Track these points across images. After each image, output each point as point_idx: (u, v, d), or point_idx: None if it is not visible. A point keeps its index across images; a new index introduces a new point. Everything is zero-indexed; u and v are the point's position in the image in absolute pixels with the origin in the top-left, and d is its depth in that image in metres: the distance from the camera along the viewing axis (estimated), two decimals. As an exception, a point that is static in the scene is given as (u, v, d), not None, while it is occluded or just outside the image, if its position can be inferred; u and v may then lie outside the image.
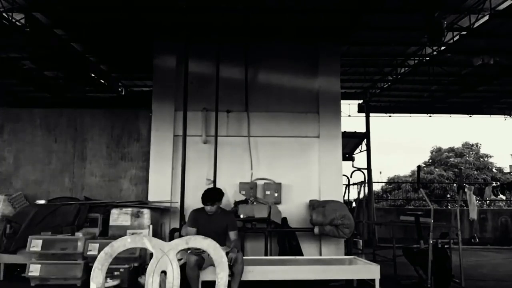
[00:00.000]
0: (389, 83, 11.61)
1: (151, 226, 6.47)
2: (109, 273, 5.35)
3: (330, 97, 7.72)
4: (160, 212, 7.26)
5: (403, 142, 57.11)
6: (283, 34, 7.55)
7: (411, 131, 62.13)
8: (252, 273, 4.64)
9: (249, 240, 6.95)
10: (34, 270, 5.49)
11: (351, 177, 9.93)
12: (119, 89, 12.15)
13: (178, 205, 7.25)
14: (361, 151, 12.36)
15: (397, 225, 7.50)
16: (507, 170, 21.73)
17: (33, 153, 8.19)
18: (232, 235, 4.85)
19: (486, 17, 7.23)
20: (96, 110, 8.53)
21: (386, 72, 11.12)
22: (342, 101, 8.86)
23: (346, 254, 6.94)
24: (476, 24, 7.42)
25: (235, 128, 7.57)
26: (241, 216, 6.64)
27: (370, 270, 4.80)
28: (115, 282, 5.37)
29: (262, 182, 7.40)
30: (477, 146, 24.90)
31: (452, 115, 14.90)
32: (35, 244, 5.60)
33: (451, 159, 24.01)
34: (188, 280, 4.16)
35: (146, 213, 6.59)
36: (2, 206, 7.03)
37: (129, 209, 6.59)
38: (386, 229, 9.25)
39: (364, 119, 12.86)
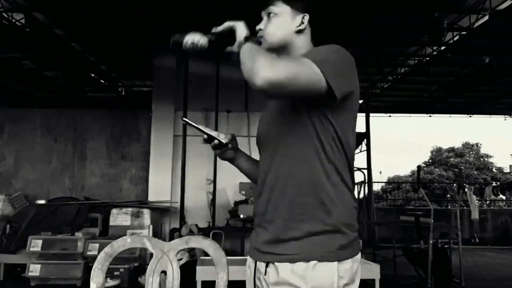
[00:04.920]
0: (389, 83, 11.61)
1: (151, 226, 6.48)
2: (109, 273, 5.35)
3: (330, 97, 7.73)
4: (160, 212, 7.26)
5: (403, 142, 57.22)
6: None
7: (411, 131, 62.21)
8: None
9: (249, 240, 6.94)
10: (34, 270, 5.48)
11: (351, 177, 9.90)
12: (119, 89, 12.15)
13: (178, 205, 7.26)
14: (361, 151, 12.36)
15: (397, 225, 7.50)
16: (507, 170, 21.74)
17: (33, 153, 8.20)
18: None
19: (486, 17, 7.23)
20: (96, 110, 8.54)
21: (386, 72, 11.11)
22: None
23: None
24: (476, 24, 7.41)
25: (235, 128, 7.58)
26: (241, 216, 6.65)
27: (370, 270, 4.80)
28: (115, 282, 5.37)
29: (262, 182, 7.40)
30: (477, 146, 24.90)
31: (452, 115, 14.90)
32: (35, 244, 5.60)
33: (451, 159, 24.01)
34: None
35: (146, 213, 6.60)
36: (2, 206, 7.04)
37: (129, 209, 6.59)
38: (386, 229, 9.24)
39: (364, 119, 12.86)
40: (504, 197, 15.14)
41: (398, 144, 56.07)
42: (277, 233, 1.28)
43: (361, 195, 9.15)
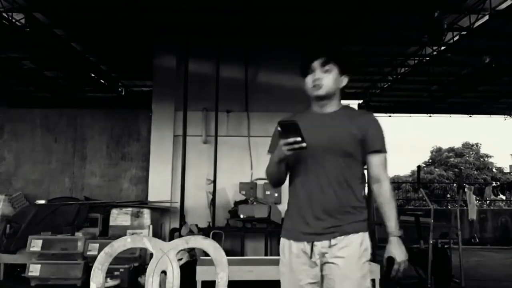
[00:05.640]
0: (389, 83, 11.60)
1: (151, 226, 6.48)
2: (109, 273, 5.35)
3: (330, 97, 7.73)
4: (160, 212, 7.26)
5: (403, 142, 57.14)
6: (283, 34, 7.55)
7: (411, 131, 62.11)
8: (252, 273, 4.64)
9: (249, 240, 6.95)
10: (34, 270, 5.49)
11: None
12: (119, 89, 12.15)
13: (178, 205, 7.25)
14: (361, 151, 12.33)
15: (397, 225, 7.50)
16: (507, 170, 21.72)
17: (33, 153, 8.19)
18: (376, 160, 2.02)
19: (486, 17, 7.22)
20: (96, 110, 8.54)
21: (386, 72, 11.11)
22: (342, 101, 8.82)
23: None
24: (476, 24, 7.40)
25: (235, 128, 7.58)
26: (241, 216, 6.65)
27: (370, 270, 4.78)
28: (115, 282, 5.37)
29: (262, 182, 7.41)
30: (477, 146, 24.89)
31: (452, 115, 14.87)
32: (35, 244, 5.61)
33: (451, 159, 24.00)
34: None
35: (146, 213, 6.60)
36: (2, 206, 7.04)
37: (129, 209, 6.60)
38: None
39: (364, 119, 12.83)
40: (504, 197, 15.12)
41: (398, 144, 55.96)
42: (334, 221, 1.91)
43: (361, 195, 9.13)
